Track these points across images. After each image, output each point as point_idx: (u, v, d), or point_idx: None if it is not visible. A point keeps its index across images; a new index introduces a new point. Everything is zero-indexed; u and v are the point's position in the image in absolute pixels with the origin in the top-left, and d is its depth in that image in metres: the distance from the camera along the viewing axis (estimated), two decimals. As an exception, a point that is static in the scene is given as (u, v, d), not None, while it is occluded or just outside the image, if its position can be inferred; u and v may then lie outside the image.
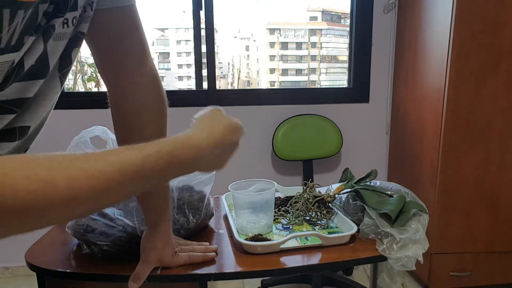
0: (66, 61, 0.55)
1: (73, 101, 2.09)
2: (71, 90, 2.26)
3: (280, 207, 1.04)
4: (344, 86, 2.31)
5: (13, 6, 0.40)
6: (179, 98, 2.09)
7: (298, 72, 3.47)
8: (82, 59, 2.34)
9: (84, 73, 2.37)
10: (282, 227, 0.95)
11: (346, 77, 2.30)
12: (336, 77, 2.53)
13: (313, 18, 2.85)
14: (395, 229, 0.83)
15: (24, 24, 0.44)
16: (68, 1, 0.50)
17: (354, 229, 0.86)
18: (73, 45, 0.55)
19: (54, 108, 2.10)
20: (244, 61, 3.35)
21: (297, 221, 0.97)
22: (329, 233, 0.90)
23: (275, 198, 1.01)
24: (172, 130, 1.38)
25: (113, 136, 0.86)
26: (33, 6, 0.43)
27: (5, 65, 0.45)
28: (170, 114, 1.87)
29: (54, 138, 2.06)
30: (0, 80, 0.45)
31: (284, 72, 3.32)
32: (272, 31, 3.25)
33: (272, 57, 3.36)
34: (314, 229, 0.93)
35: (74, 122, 2.06)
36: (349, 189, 0.99)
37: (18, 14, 0.42)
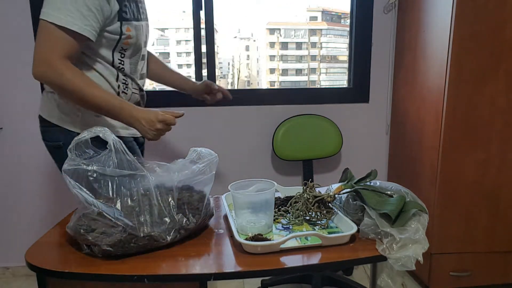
0: None
1: (73, 101, 2.09)
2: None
3: (280, 207, 1.04)
4: (344, 86, 2.31)
5: None
6: (179, 98, 2.08)
7: (298, 72, 3.47)
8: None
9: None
10: (282, 227, 0.95)
11: (346, 77, 2.30)
12: (336, 77, 2.53)
13: (313, 18, 2.85)
14: (395, 229, 0.83)
15: None
16: None
17: (354, 229, 0.86)
18: None
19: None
20: (244, 61, 3.35)
21: (297, 221, 0.97)
22: (329, 233, 0.90)
23: (275, 198, 1.01)
24: (172, 128, 1.38)
25: (114, 136, 0.86)
26: None
27: None
28: (170, 114, 1.74)
29: (54, 138, 2.06)
30: None
31: (284, 72, 3.32)
32: (272, 31, 3.25)
33: (272, 57, 3.36)
34: (314, 229, 0.93)
35: (74, 122, 2.06)
36: (349, 189, 0.99)
37: None
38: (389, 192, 0.93)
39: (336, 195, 0.99)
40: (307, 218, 0.99)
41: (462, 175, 1.77)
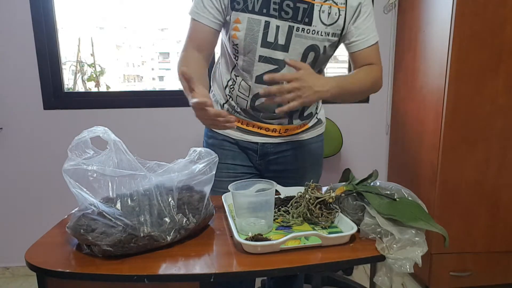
0: None
1: (73, 101, 2.09)
2: (71, 90, 2.26)
3: (280, 207, 1.03)
4: (344, 86, 2.31)
5: None
6: (179, 98, 2.08)
7: (298, 72, 3.45)
8: (82, 59, 2.33)
9: (84, 73, 2.37)
10: (282, 227, 0.95)
11: (346, 77, 2.30)
12: (336, 77, 2.53)
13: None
14: (396, 228, 0.83)
15: None
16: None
17: (354, 229, 0.86)
18: None
19: (53, 108, 2.12)
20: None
21: (297, 221, 0.97)
22: (329, 233, 0.90)
23: (275, 198, 1.01)
24: (172, 128, 1.37)
25: (114, 136, 0.86)
26: None
27: None
28: (170, 114, 1.89)
29: (55, 137, 2.07)
30: None
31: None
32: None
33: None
34: (314, 229, 0.93)
35: (74, 122, 2.06)
36: (350, 191, 0.98)
37: None
38: (395, 197, 0.93)
39: (337, 196, 0.99)
40: (308, 218, 0.99)
41: (462, 175, 1.77)
